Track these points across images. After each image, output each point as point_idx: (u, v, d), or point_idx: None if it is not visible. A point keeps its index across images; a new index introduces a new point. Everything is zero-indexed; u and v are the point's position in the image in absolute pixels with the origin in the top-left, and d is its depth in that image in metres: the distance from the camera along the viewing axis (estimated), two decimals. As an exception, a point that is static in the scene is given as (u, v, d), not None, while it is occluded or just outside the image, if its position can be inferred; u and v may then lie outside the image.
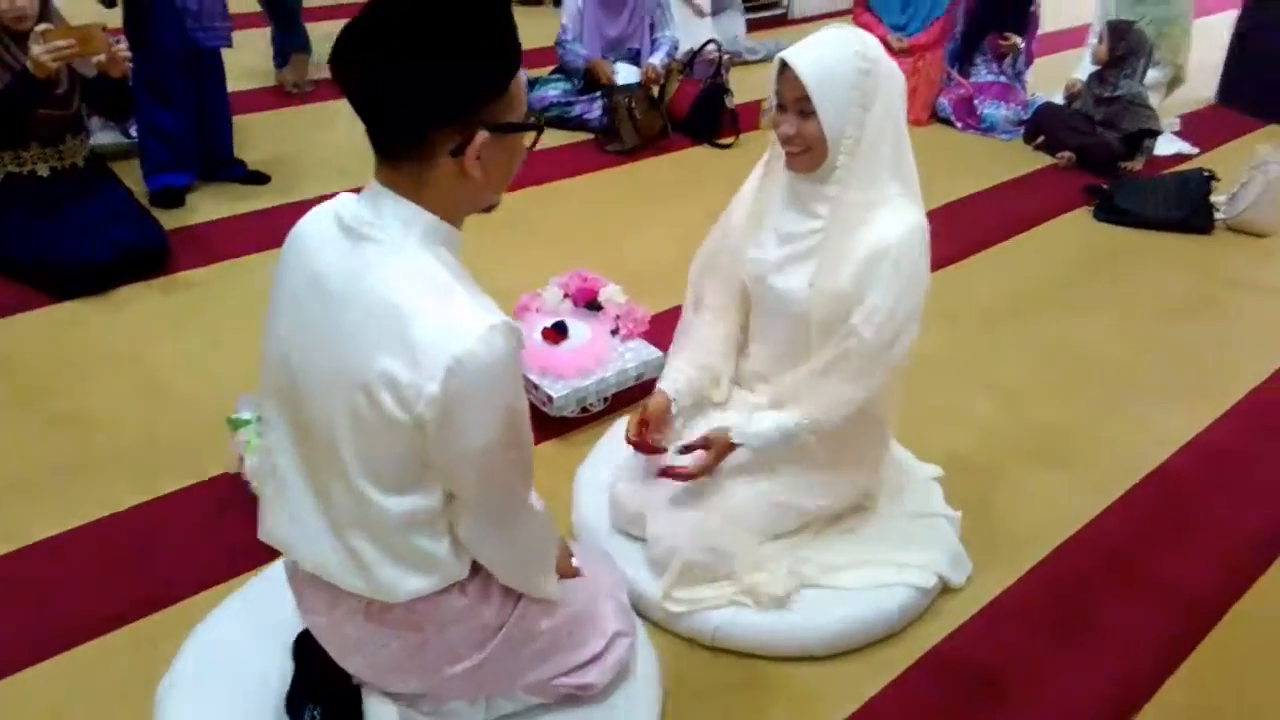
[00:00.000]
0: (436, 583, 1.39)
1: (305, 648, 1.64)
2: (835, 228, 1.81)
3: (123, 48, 2.97)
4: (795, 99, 1.75)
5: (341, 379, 1.23)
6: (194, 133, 3.71)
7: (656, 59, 4.66)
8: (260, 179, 3.92)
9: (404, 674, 1.50)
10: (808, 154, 1.79)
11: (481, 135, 1.19)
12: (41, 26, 2.72)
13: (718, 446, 1.93)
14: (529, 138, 1.29)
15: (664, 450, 1.99)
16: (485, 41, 1.18)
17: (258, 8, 4.82)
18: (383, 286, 1.21)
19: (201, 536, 2.16)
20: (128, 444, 2.45)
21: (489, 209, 1.34)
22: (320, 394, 1.27)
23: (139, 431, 2.49)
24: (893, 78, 1.77)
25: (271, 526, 1.45)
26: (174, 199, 3.66)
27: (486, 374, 1.19)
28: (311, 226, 1.31)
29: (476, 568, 1.45)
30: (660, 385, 2.04)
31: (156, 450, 2.42)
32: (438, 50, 1.14)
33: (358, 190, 1.28)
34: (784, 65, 1.75)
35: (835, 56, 1.73)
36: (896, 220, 1.78)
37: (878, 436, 2.07)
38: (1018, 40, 4.89)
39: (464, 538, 1.37)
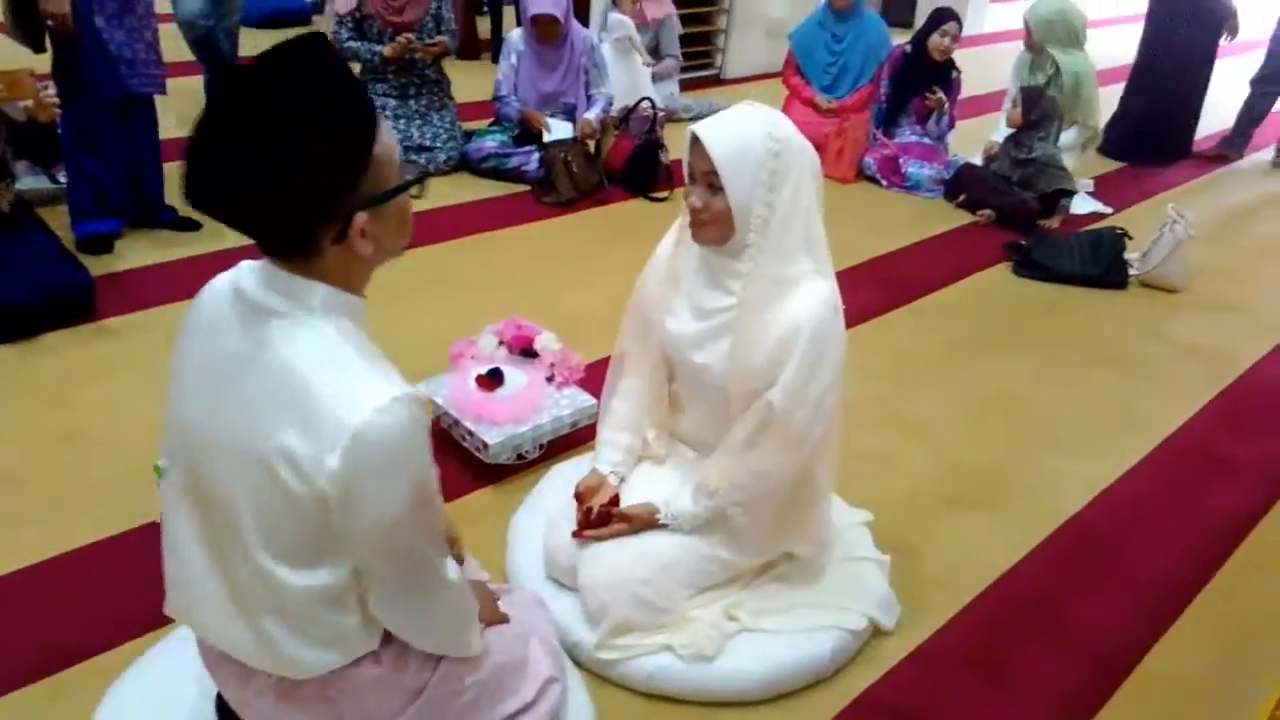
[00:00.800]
0: (341, 658, 1.35)
1: (226, 708, 1.61)
2: (749, 305, 1.81)
3: (50, 93, 2.94)
4: (704, 172, 1.76)
5: (241, 452, 1.20)
6: (123, 180, 3.67)
7: (592, 114, 4.74)
8: (191, 225, 3.88)
9: None
10: (714, 227, 1.79)
11: (359, 217, 1.18)
12: None
13: (639, 522, 1.97)
14: (416, 193, 1.28)
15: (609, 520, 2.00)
16: (332, 127, 1.13)
17: (191, 56, 4.81)
18: (283, 359, 1.19)
19: (126, 586, 2.11)
20: (51, 492, 2.39)
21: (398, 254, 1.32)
22: (221, 466, 1.24)
23: (60, 480, 2.43)
24: (803, 155, 1.77)
25: (175, 602, 1.42)
26: (101, 245, 3.60)
27: (388, 446, 1.16)
28: (211, 297, 1.29)
29: (389, 634, 1.41)
30: (597, 466, 2.08)
31: (78, 499, 2.36)
32: (290, 161, 1.11)
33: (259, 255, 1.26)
34: (695, 138, 1.76)
35: (746, 135, 1.73)
36: (809, 298, 1.79)
37: (812, 502, 2.05)
38: (942, 96, 5.06)
39: (376, 613, 1.33)
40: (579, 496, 2.05)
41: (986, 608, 2.28)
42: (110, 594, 2.10)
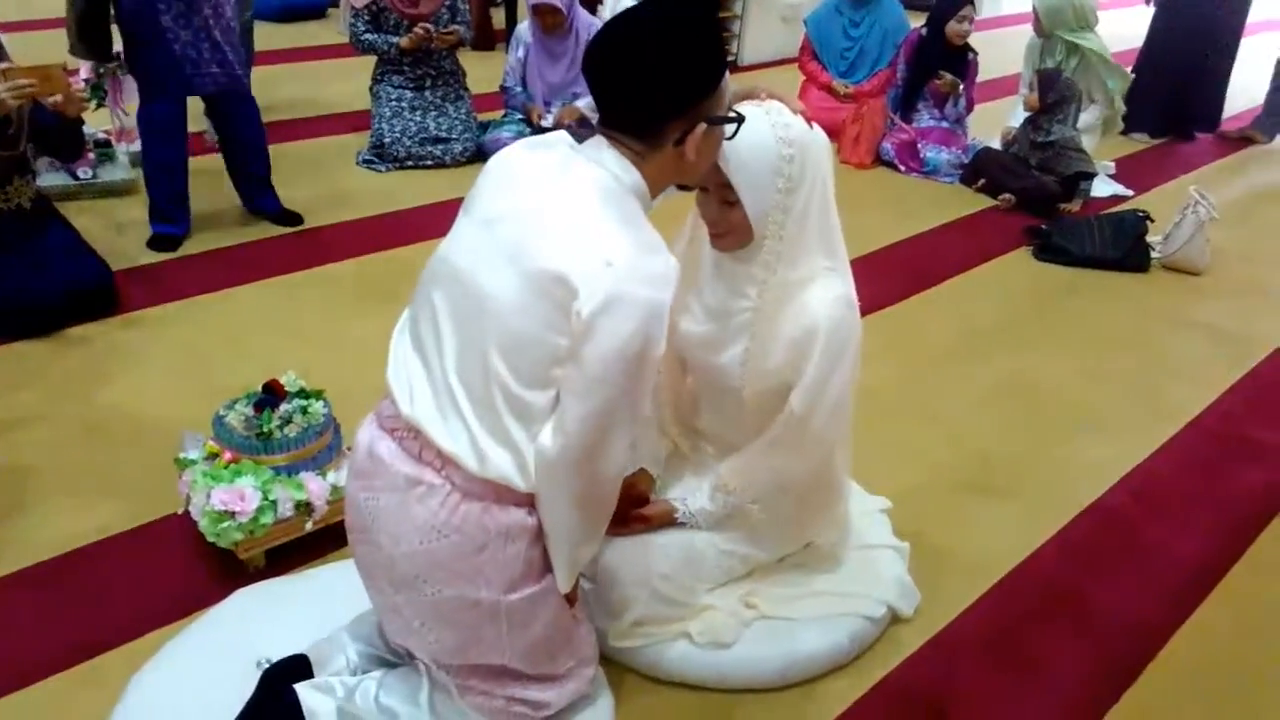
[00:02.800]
0: (520, 479, 1.45)
1: (271, 680, 1.65)
2: (765, 308, 1.79)
3: (80, 88, 2.97)
4: (717, 184, 1.69)
5: (526, 254, 1.38)
6: (186, 181, 3.73)
7: (582, 102, 4.71)
8: (294, 219, 3.96)
9: (438, 578, 1.50)
10: (731, 237, 1.75)
11: (701, 126, 1.44)
12: (1, 65, 2.71)
13: (657, 521, 1.97)
14: (730, 128, 1.52)
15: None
16: (707, 48, 1.44)
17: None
18: (593, 190, 1.40)
19: (147, 578, 2.13)
20: (75, 484, 2.41)
21: (684, 188, 1.61)
22: (500, 266, 1.40)
23: (83, 472, 2.46)
24: (818, 154, 1.71)
25: (392, 376, 1.54)
26: (168, 244, 3.69)
27: (643, 300, 1.35)
28: (537, 143, 1.51)
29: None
30: (644, 465, 2.06)
31: (101, 491, 2.39)
32: (676, 56, 1.40)
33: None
34: None
35: (758, 145, 1.64)
36: (824, 297, 1.76)
37: (833, 496, 2.04)
38: (953, 78, 5.02)
39: (547, 461, 1.42)
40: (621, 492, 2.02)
41: (1007, 594, 2.27)
42: (135, 585, 2.12)
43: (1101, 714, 1.98)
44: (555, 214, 1.40)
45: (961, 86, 5.05)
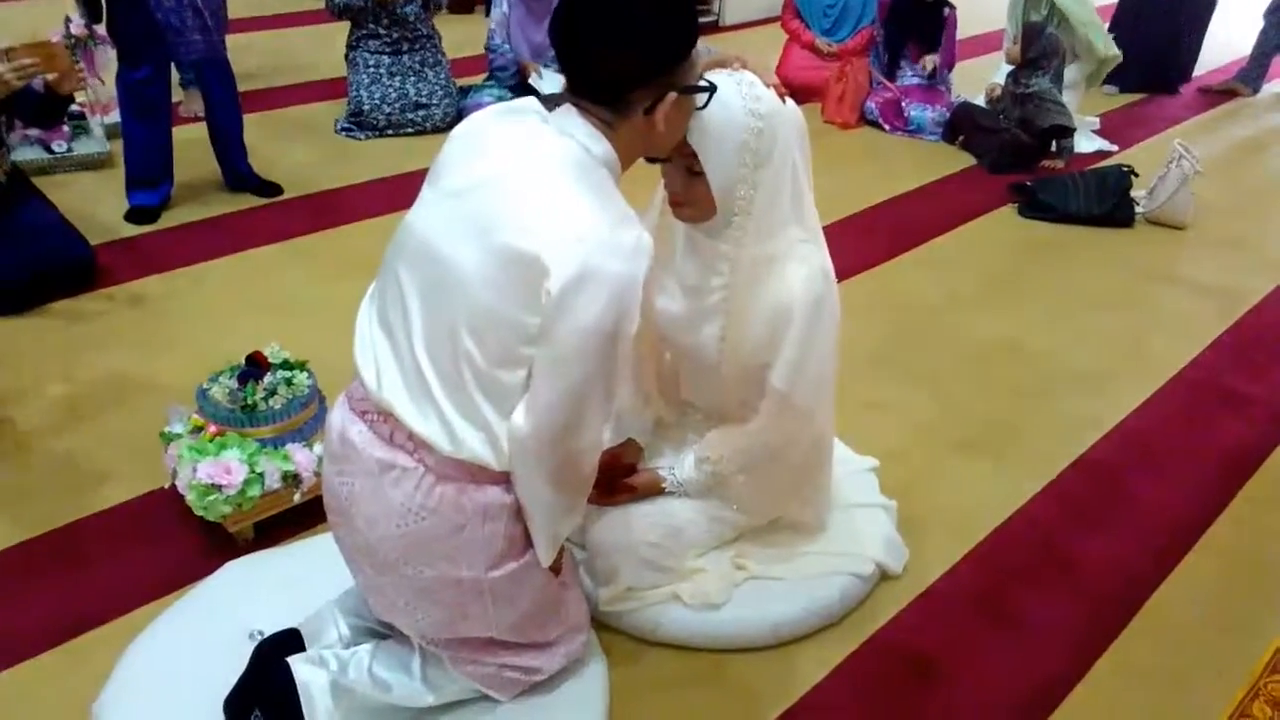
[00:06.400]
0: (494, 458, 1.42)
1: (264, 653, 1.66)
2: (739, 285, 1.76)
3: (80, 66, 2.92)
4: (684, 153, 1.63)
5: (494, 228, 1.34)
6: (169, 149, 3.69)
7: None
8: (273, 190, 3.93)
9: (418, 560, 1.49)
10: (692, 208, 1.71)
11: (671, 95, 1.41)
12: (4, 44, 2.66)
13: (644, 490, 1.97)
14: (701, 98, 1.50)
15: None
16: (678, 14, 1.41)
17: (245, 14, 4.74)
18: (562, 164, 1.36)
19: (135, 552, 2.13)
20: (59, 461, 2.40)
21: (654, 160, 1.56)
22: (468, 240, 1.36)
23: (71, 448, 2.44)
24: (789, 126, 1.67)
25: (359, 355, 1.50)
26: (145, 216, 3.65)
27: (618, 274, 1.31)
28: (506, 109, 1.48)
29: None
30: (631, 436, 2.06)
31: (87, 468, 2.37)
32: (646, 21, 1.36)
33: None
34: None
35: (725, 116, 1.59)
36: (799, 272, 1.73)
37: (818, 462, 2.03)
38: (931, 58, 5.02)
39: (520, 436, 1.39)
40: (608, 462, 1.99)
41: (993, 549, 2.29)
42: (124, 560, 2.11)
43: (1089, 665, 2.00)
44: (524, 187, 1.36)
45: (935, 60, 5.03)
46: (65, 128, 4.01)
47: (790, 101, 1.70)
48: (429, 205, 1.45)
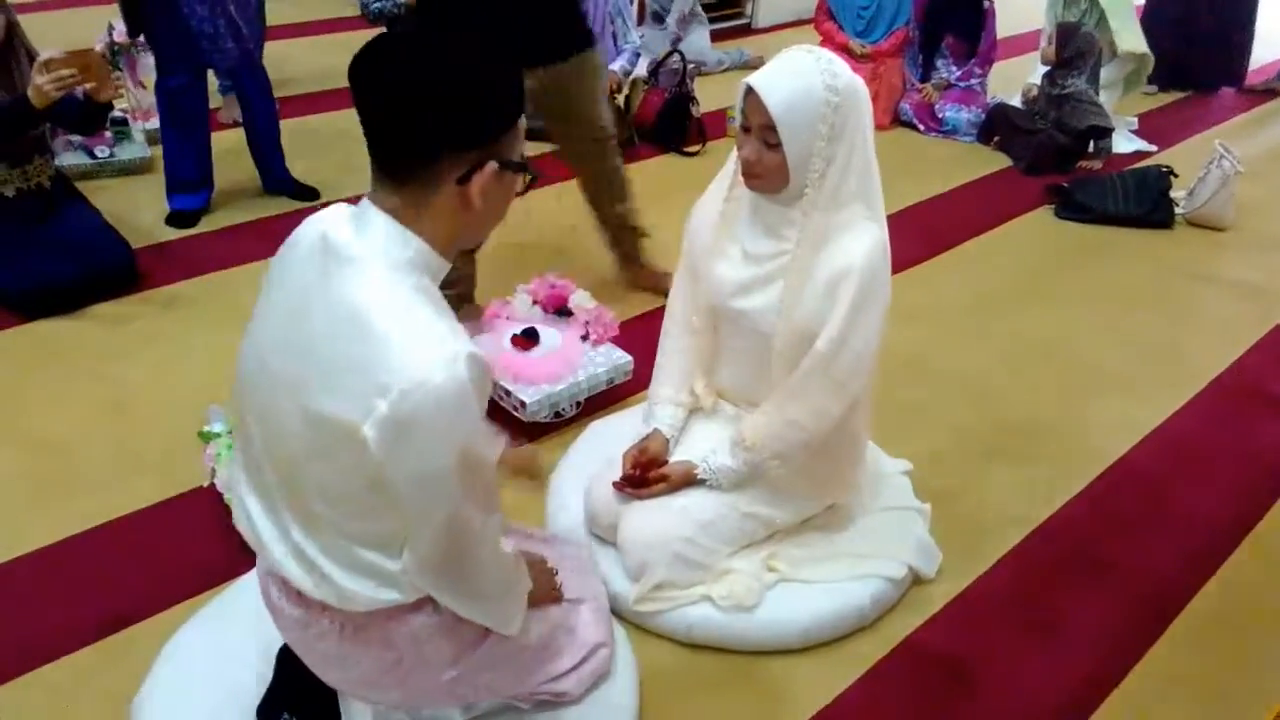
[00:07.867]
0: (401, 596, 1.35)
1: (288, 656, 1.65)
2: (802, 251, 1.80)
3: (117, 75, 2.96)
4: (760, 126, 1.71)
5: (303, 392, 1.21)
6: (208, 154, 3.75)
7: (617, 65, 4.70)
8: (310, 194, 3.97)
9: (381, 689, 1.49)
10: (767, 179, 1.77)
11: (491, 166, 1.22)
12: (45, 55, 2.68)
13: (678, 480, 1.97)
14: (521, 182, 1.30)
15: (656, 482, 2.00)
16: (503, 77, 1.23)
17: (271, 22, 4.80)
18: (355, 305, 1.18)
19: (174, 551, 2.16)
20: (98, 461, 2.44)
21: (474, 249, 1.34)
22: (284, 405, 1.25)
23: (110, 448, 2.48)
24: (862, 102, 1.73)
25: (241, 526, 1.44)
26: (184, 221, 3.71)
27: (445, 400, 1.15)
28: (302, 238, 1.30)
29: None
30: (657, 426, 2.06)
31: (128, 466, 2.41)
32: (466, 75, 1.18)
33: (357, 199, 1.27)
34: (749, 90, 1.71)
35: (804, 88, 1.67)
36: (860, 240, 1.77)
37: (854, 453, 2.05)
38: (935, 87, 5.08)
39: (412, 575, 1.30)
40: (636, 455, 2.03)
41: (1030, 553, 2.27)
42: (163, 558, 2.14)
43: (1125, 672, 1.98)
44: (320, 343, 1.20)
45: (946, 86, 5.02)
46: (108, 133, 4.08)
47: (859, 79, 1.75)
48: (250, 357, 1.34)
